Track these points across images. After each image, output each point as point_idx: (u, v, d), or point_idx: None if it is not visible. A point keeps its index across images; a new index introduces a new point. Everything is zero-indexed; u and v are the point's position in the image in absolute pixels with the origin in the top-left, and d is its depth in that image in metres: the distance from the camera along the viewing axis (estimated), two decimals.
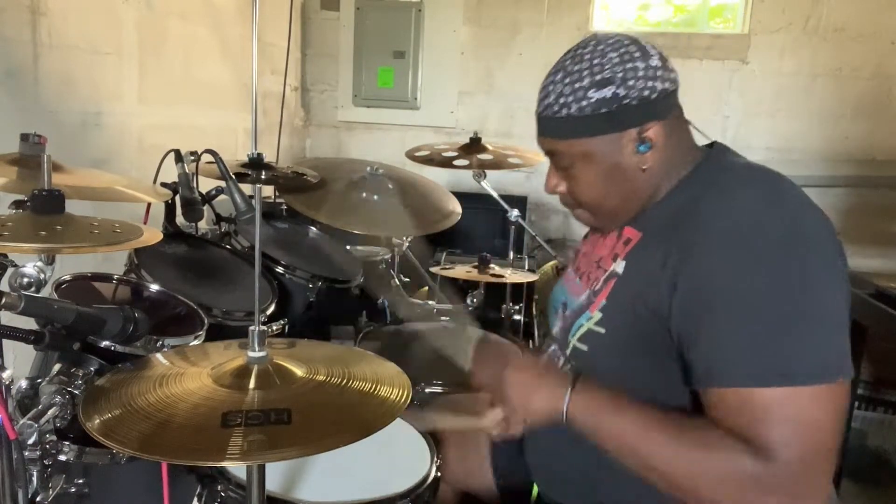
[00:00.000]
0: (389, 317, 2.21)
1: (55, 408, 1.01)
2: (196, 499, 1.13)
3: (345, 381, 0.91)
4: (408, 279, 2.41)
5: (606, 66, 1.00)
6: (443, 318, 2.15)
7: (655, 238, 1.03)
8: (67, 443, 1.08)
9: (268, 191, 2.41)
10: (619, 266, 1.07)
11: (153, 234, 1.03)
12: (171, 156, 1.60)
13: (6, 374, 0.94)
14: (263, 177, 1.83)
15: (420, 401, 1.58)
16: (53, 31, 1.89)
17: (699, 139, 1.12)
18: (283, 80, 3.24)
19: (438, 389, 1.63)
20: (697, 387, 0.95)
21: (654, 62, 1.01)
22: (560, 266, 2.59)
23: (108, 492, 1.14)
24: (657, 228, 1.04)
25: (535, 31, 3.41)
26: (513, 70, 3.46)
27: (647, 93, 1.00)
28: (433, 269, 2.33)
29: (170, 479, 1.06)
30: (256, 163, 1.87)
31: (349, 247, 2.26)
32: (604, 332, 1.05)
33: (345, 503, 1.07)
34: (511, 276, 2.07)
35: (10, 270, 1.01)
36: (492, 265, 2.11)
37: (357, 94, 3.59)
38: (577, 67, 1.01)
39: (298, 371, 0.92)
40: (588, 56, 1.01)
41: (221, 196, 1.64)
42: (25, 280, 1.00)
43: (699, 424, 0.93)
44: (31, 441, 0.98)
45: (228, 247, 1.84)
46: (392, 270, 2.28)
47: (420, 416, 1.26)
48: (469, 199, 2.21)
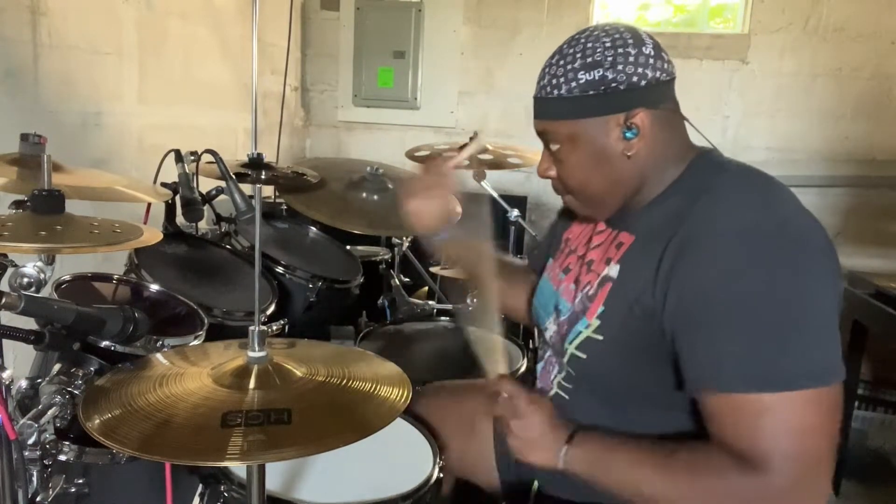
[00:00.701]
0: (389, 317, 2.21)
1: (55, 408, 1.01)
2: (198, 498, 1.13)
3: (345, 381, 0.91)
4: (408, 279, 2.41)
5: (598, 50, 1.01)
6: (442, 318, 2.15)
7: (649, 241, 1.03)
8: (67, 443, 1.08)
9: (268, 191, 2.41)
10: (613, 270, 1.07)
11: (153, 234, 1.03)
12: (171, 156, 1.60)
13: (6, 374, 0.94)
14: (263, 177, 1.83)
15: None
16: (53, 31, 1.89)
17: (699, 141, 1.12)
18: (283, 80, 3.24)
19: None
20: (692, 393, 0.95)
21: (647, 50, 1.02)
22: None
23: (108, 492, 1.14)
24: (651, 231, 1.04)
25: (535, 31, 3.41)
26: (513, 70, 3.46)
27: (637, 79, 1.00)
28: (433, 269, 2.33)
29: (171, 479, 1.06)
30: (256, 163, 1.87)
31: (349, 247, 2.26)
32: (602, 339, 1.05)
33: None
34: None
35: (10, 270, 1.01)
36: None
37: (357, 94, 3.59)
38: (572, 50, 1.03)
39: (298, 371, 0.91)
40: (583, 40, 1.03)
41: (221, 196, 1.64)
42: (25, 280, 1.00)
43: (693, 449, 0.94)
44: (31, 441, 0.98)
45: (228, 247, 1.84)
46: (392, 270, 2.28)
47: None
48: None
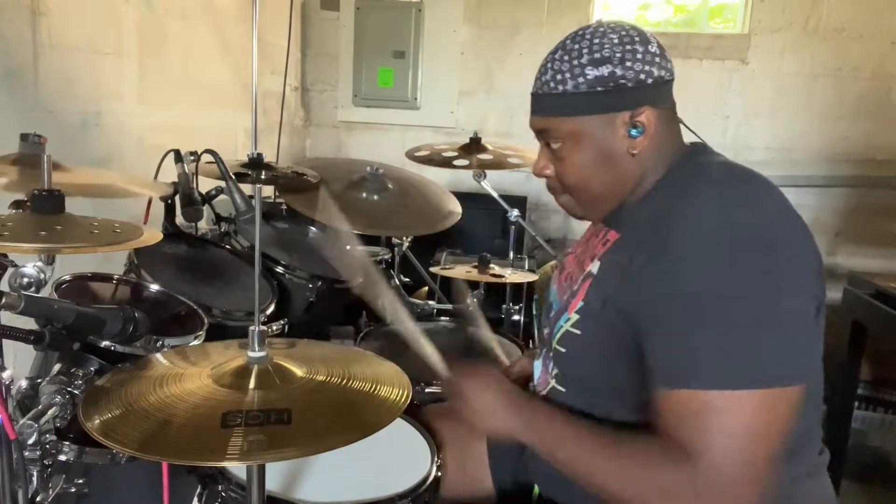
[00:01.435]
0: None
1: (55, 408, 1.01)
2: (196, 499, 1.13)
3: (345, 381, 0.91)
4: (408, 279, 2.41)
5: (606, 45, 1.00)
6: (442, 319, 2.15)
7: (630, 239, 1.03)
8: (67, 443, 1.08)
9: (268, 191, 2.41)
10: (595, 266, 1.07)
11: (153, 234, 1.03)
12: (171, 156, 1.60)
13: (6, 374, 0.94)
14: (263, 177, 1.83)
15: (420, 401, 1.58)
16: (53, 31, 1.89)
17: (693, 139, 1.11)
18: (283, 80, 3.24)
19: (438, 389, 1.62)
20: (651, 391, 0.93)
21: (653, 49, 1.01)
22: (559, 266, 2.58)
23: (108, 492, 1.15)
24: (632, 230, 1.04)
25: (535, 31, 3.42)
26: (513, 70, 3.47)
27: (644, 76, 0.99)
28: (433, 269, 2.33)
29: (170, 479, 1.06)
30: (256, 163, 1.87)
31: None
32: (579, 334, 1.05)
33: (345, 503, 1.07)
34: (511, 276, 2.07)
35: (10, 270, 1.01)
36: (492, 265, 2.11)
37: (357, 94, 3.59)
38: (577, 46, 1.02)
39: (298, 371, 0.91)
40: (588, 36, 1.02)
41: (221, 196, 1.64)
42: (25, 280, 1.00)
43: (639, 440, 0.93)
44: (31, 441, 0.98)
45: (228, 247, 1.84)
46: (392, 270, 2.28)
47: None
48: (469, 199, 2.21)
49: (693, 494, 0.85)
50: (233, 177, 1.54)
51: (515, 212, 2.18)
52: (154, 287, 1.40)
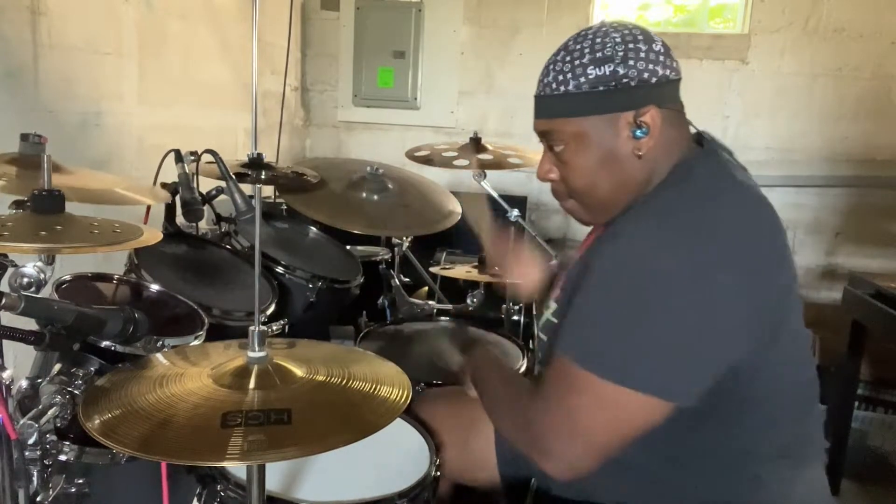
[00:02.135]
0: (389, 317, 2.21)
1: (55, 408, 1.01)
2: (196, 499, 1.13)
3: (345, 381, 0.91)
4: (408, 279, 2.41)
5: (608, 45, 0.98)
6: (442, 319, 2.15)
7: (606, 231, 1.07)
8: (67, 443, 1.08)
9: (268, 191, 2.41)
10: (578, 261, 1.11)
11: (153, 234, 1.03)
12: (171, 156, 1.60)
13: (6, 374, 0.94)
14: (263, 177, 1.83)
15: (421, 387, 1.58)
16: (53, 31, 1.89)
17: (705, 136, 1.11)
18: (283, 80, 3.24)
19: (438, 389, 1.62)
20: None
21: (657, 47, 1.00)
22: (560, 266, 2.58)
23: (108, 492, 1.14)
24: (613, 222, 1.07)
25: (535, 31, 3.42)
26: (513, 70, 3.47)
27: (647, 75, 0.98)
28: (433, 269, 2.33)
29: (169, 479, 1.06)
30: (256, 163, 1.87)
31: (349, 247, 2.26)
32: (557, 322, 1.07)
33: (344, 503, 1.07)
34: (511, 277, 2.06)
35: (10, 270, 1.01)
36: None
37: (357, 94, 3.59)
38: (579, 46, 1.00)
39: (298, 371, 0.91)
40: (591, 36, 1.01)
41: (221, 196, 1.64)
42: (25, 280, 1.00)
43: (523, 383, 1.09)
44: (31, 441, 0.98)
45: (228, 247, 1.84)
46: (392, 270, 2.28)
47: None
48: None
49: (536, 439, 0.96)
50: (233, 177, 1.54)
51: (515, 212, 2.18)
52: (154, 287, 1.40)
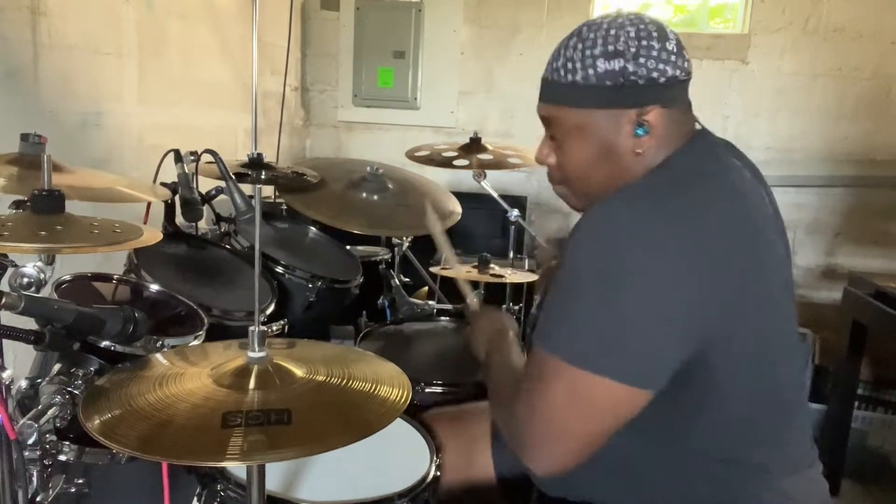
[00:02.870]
0: (389, 317, 2.21)
1: (55, 408, 1.01)
2: (196, 499, 1.13)
3: (345, 381, 0.91)
4: (408, 279, 2.41)
5: (621, 38, 0.97)
6: (442, 318, 2.15)
7: None
8: (67, 443, 1.07)
9: (268, 191, 2.41)
10: None
11: (153, 234, 1.03)
12: (171, 156, 1.60)
13: (6, 374, 0.94)
14: (263, 177, 1.83)
15: (420, 400, 1.59)
16: (53, 31, 1.89)
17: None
18: (283, 80, 3.24)
19: (438, 389, 1.63)
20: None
21: (671, 46, 0.98)
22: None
23: (108, 492, 1.15)
24: None
25: (535, 31, 3.42)
26: (513, 70, 3.47)
27: (657, 75, 0.97)
28: (433, 269, 2.33)
29: (169, 479, 1.06)
30: (256, 163, 1.87)
31: (349, 247, 2.26)
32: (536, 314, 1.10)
33: (344, 502, 1.07)
34: (511, 276, 2.06)
35: (10, 270, 1.01)
36: (492, 265, 2.11)
37: (357, 94, 3.59)
38: (593, 35, 0.99)
39: (298, 371, 0.91)
40: (606, 25, 0.99)
41: (221, 196, 1.64)
42: (25, 280, 1.00)
43: (516, 377, 1.06)
44: (31, 441, 0.98)
45: (228, 247, 1.84)
46: (392, 270, 2.28)
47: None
48: (469, 199, 2.21)
49: (518, 433, 0.97)
50: (233, 177, 1.54)
51: (515, 212, 2.18)
52: (154, 287, 1.40)
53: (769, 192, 1.12)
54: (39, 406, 1.02)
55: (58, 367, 1.07)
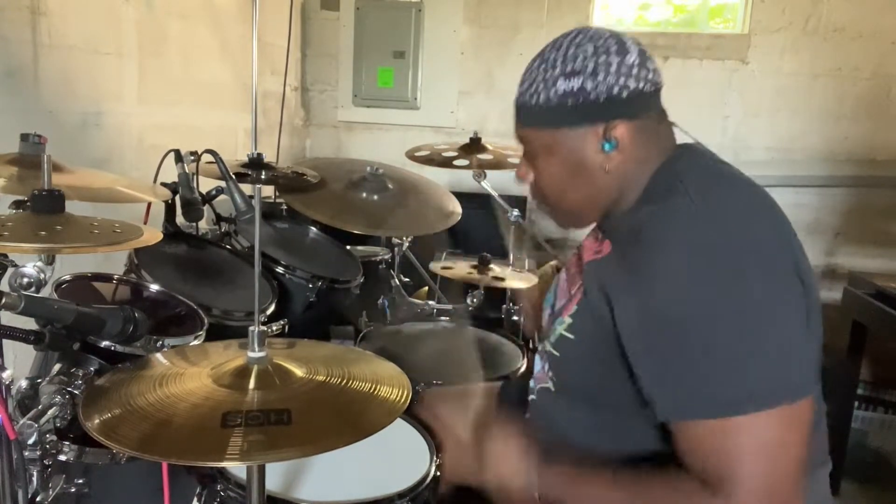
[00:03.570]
0: (389, 317, 2.21)
1: (55, 408, 1.01)
2: (196, 499, 1.13)
3: (345, 381, 0.91)
4: (408, 279, 2.41)
5: (579, 57, 0.97)
6: (442, 318, 2.15)
7: (615, 252, 1.02)
8: (67, 443, 1.07)
9: (268, 191, 2.41)
10: (586, 275, 1.06)
11: (153, 234, 1.03)
12: (171, 156, 1.60)
13: (6, 374, 0.94)
14: (263, 177, 1.83)
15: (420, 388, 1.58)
16: (53, 31, 1.89)
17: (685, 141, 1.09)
18: (283, 80, 3.24)
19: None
20: (661, 419, 0.92)
21: (631, 59, 0.98)
22: (559, 266, 2.59)
23: (108, 492, 1.14)
24: (619, 241, 1.02)
25: (535, 31, 3.42)
26: (513, 70, 3.44)
27: (618, 90, 0.97)
28: (433, 269, 2.33)
29: (170, 479, 1.06)
30: (256, 163, 1.87)
31: (349, 247, 2.26)
32: (573, 339, 1.04)
33: (344, 502, 1.07)
34: (510, 280, 2.06)
35: (10, 270, 1.01)
36: (492, 265, 2.11)
37: (357, 94, 3.59)
38: (553, 56, 1.00)
39: (298, 371, 0.91)
40: (565, 45, 1.00)
41: (221, 196, 1.64)
42: (25, 280, 1.00)
43: (666, 478, 0.92)
44: (31, 441, 0.98)
45: (228, 247, 1.84)
46: (392, 270, 2.28)
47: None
48: (469, 199, 2.21)
49: None
50: (233, 177, 1.54)
51: (515, 212, 2.18)
52: (154, 287, 1.40)
53: None
54: (39, 406, 1.02)
55: (58, 367, 1.07)
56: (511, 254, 2.34)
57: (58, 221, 0.97)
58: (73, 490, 1.09)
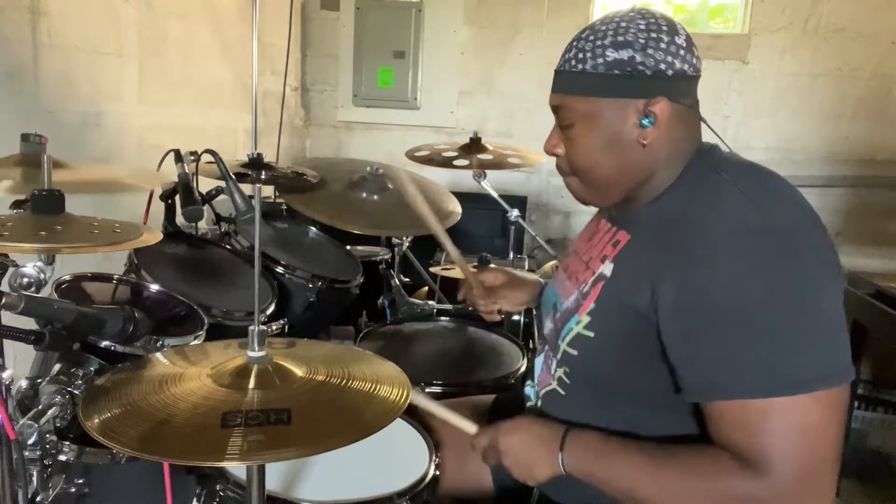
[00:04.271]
0: (389, 317, 2.21)
1: (55, 408, 1.01)
2: (196, 499, 1.13)
3: (345, 381, 0.91)
4: (408, 279, 2.41)
5: (631, 30, 0.99)
6: (442, 318, 2.15)
7: (645, 241, 1.02)
8: (67, 443, 1.07)
9: (268, 191, 2.41)
10: (608, 268, 1.06)
11: (153, 234, 1.03)
12: (171, 156, 1.60)
13: (6, 374, 0.94)
14: (263, 177, 1.83)
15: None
16: (53, 31, 1.89)
17: (710, 139, 1.11)
18: (283, 80, 3.24)
19: (438, 389, 1.63)
20: (695, 399, 0.94)
21: (680, 41, 1.01)
22: (559, 266, 2.59)
23: (108, 492, 1.14)
24: (647, 231, 1.03)
25: (535, 31, 3.41)
26: (513, 70, 3.46)
27: (664, 67, 0.99)
28: (433, 269, 2.33)
29: (169, 479, 1.06)
30: (256, 163, 1.87)
31: (349, 247, 2.26)
32: (593, 336, 1.04)
33: (344, 502, 1.07)
34: None
35: (10, 270, 1.01)
36: (492, 265, 2.11)
37: (357, 94, 3.59)
38: (604, 27, 1.01)
39: (298, 371, 0.91)
40: (618, 19, 1.02)
41: (221, 196, 1.64)
42: (25, 280, 1.00)
43: (691, 452, 0.93)
44: (31, 441, 0.98)
45: (228, 247, 1.84)
46: (392, 270, 2.28)
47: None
48: (469, 199, 2.21)
49: (769, 500, 0.86)
50: (233, 177, 1.54)
51: (515, 212, 2.18)
52: (154, 287, 1.40)
53: None
54: (39, 406, 1.02)
55: (58, 367, 1.07)
56: (511, 254, 2.35)
57: (58, 221, 0.97)
58: (73, 490, 1.09)
